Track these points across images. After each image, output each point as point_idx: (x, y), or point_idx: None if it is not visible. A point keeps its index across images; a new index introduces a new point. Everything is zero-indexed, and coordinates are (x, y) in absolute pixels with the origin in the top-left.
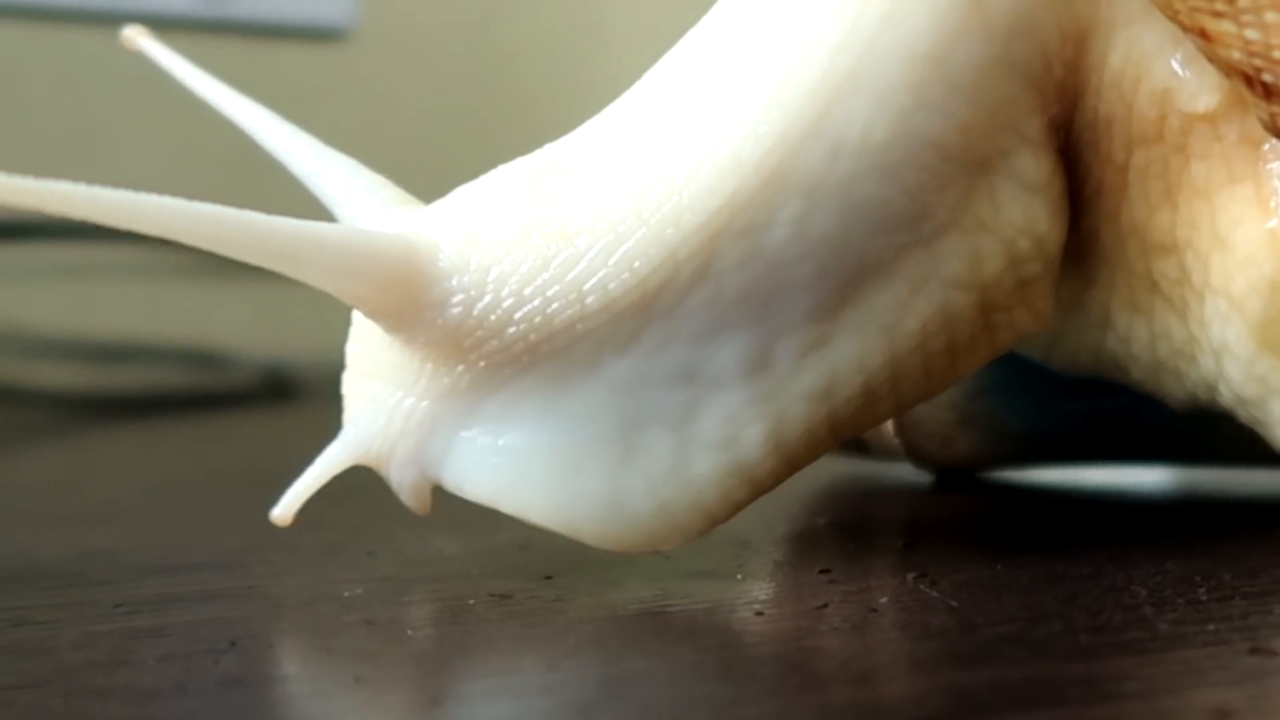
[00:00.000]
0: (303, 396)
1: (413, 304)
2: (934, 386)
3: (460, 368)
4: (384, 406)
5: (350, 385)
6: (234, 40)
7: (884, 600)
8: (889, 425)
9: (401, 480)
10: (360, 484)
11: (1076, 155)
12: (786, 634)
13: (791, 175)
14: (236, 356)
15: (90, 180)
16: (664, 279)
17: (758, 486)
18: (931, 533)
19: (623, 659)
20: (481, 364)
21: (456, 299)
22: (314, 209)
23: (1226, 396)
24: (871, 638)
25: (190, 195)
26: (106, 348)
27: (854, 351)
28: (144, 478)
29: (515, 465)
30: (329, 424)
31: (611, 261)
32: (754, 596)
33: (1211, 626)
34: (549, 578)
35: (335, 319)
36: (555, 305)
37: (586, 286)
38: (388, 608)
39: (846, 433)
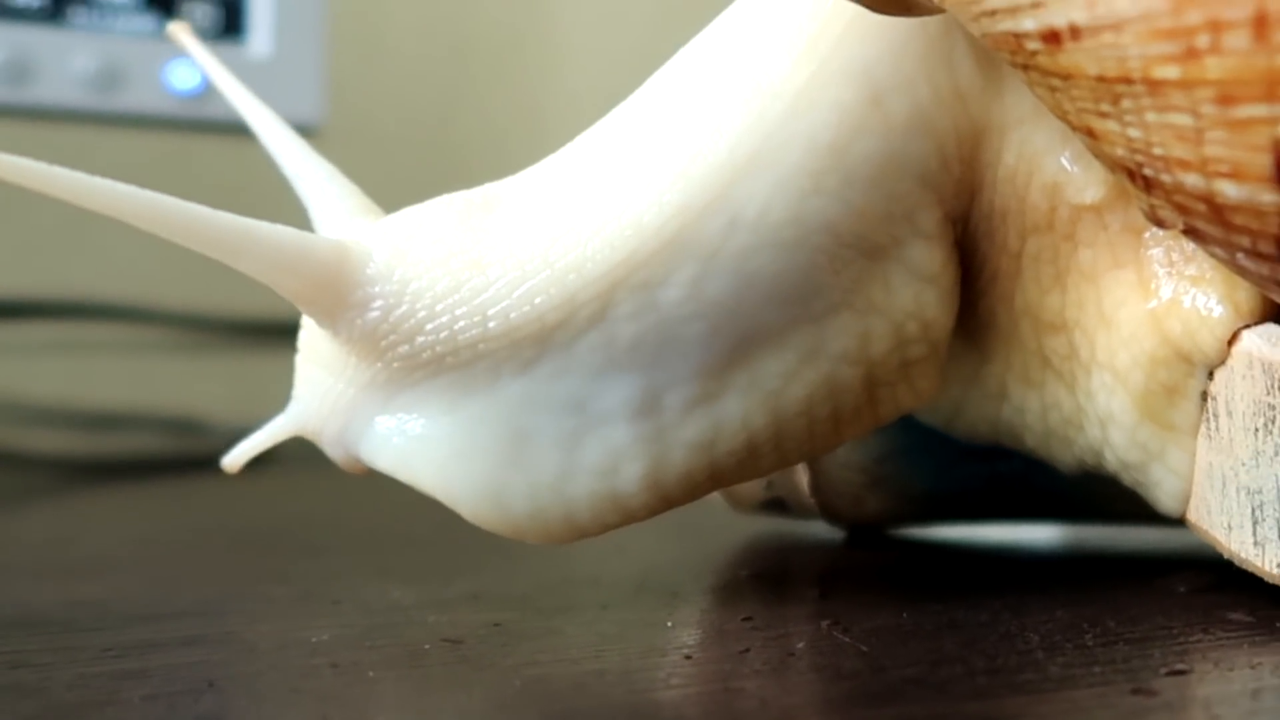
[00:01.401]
0: (274, 461)
1: (338, 303)
2: (817, 448)
3: (379, 365)
4: (319, 389)
5: (298, 368)
6: (214, 138)
7: (801, 645)
8: (805, 485)
9: (333, 454)
10: (326, 541)
11: (974, 244)
12: (713, 676)
13: (690, 242)
14: (213, 424)
15: (82, 260)
16: (562, 317)
17: (630, 515)
18: (844, 584)
19: (564, 699)
20: (395, 364)
21: (376, 304)
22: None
23: (1111, 461)
24: (790, 679)
25: (175, 279)
26: (97, 416)
27: (739, 411)
28: (130, 534)
29: (416, 447)
30: (298, 486)
31: (515, 294)
32: (683, 642)
33: (1097, 669)
34: (497, 625)
35: None
36: (461, 324)
37: (490, 312)
38: (351, 652)
39: (728, 481)
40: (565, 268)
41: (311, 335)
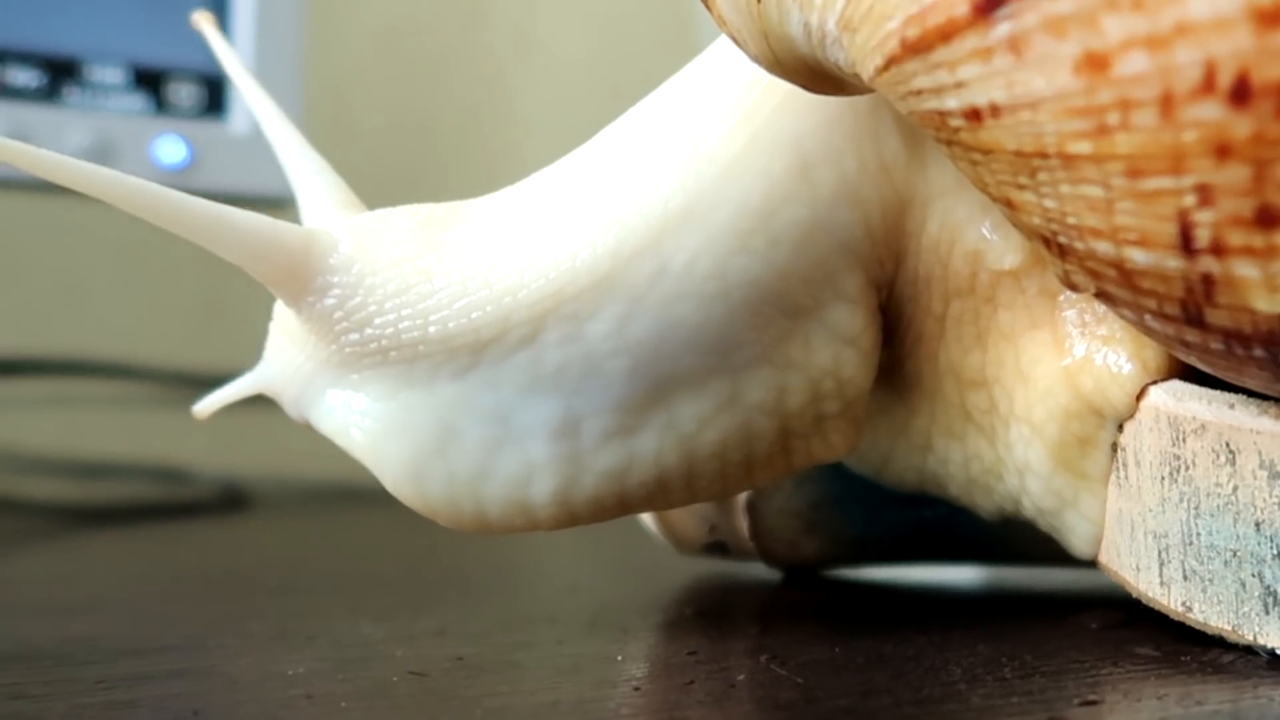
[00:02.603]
0: (254, 507)
1: (302, 287)
2: (729, 489)
3: (334, 346)
4: (283, 358)
5: (270, 334)
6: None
7: (741, 677)
8: (745, 530)
9: (289, 413)
10: (301, 581)
11: (900, 308)
12: (660, 706)
13: (619, 283)
14: (197, 473)
15: (75, 322)
16: (496, 334)
17: (536, 525)
18: (781, 621)
19: None
20: (347, 349)
21: (334, 292)
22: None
23: (1028, 508)
24: (731, 709)
25: (161, 339)
26: (89, 466)
27: (653, 448)
28: (120, 575)
29: (356, 421)
30: (275, 530)
31: (455, 306)
32: (632, 675)
33: (1015, 700)
34: (460, 659)
35: (282, 442)
36: (405, 324)
37: (432, 318)
38: (325, 684)
39: (636, 509)
40: (503, 290)
41: (284, 309)
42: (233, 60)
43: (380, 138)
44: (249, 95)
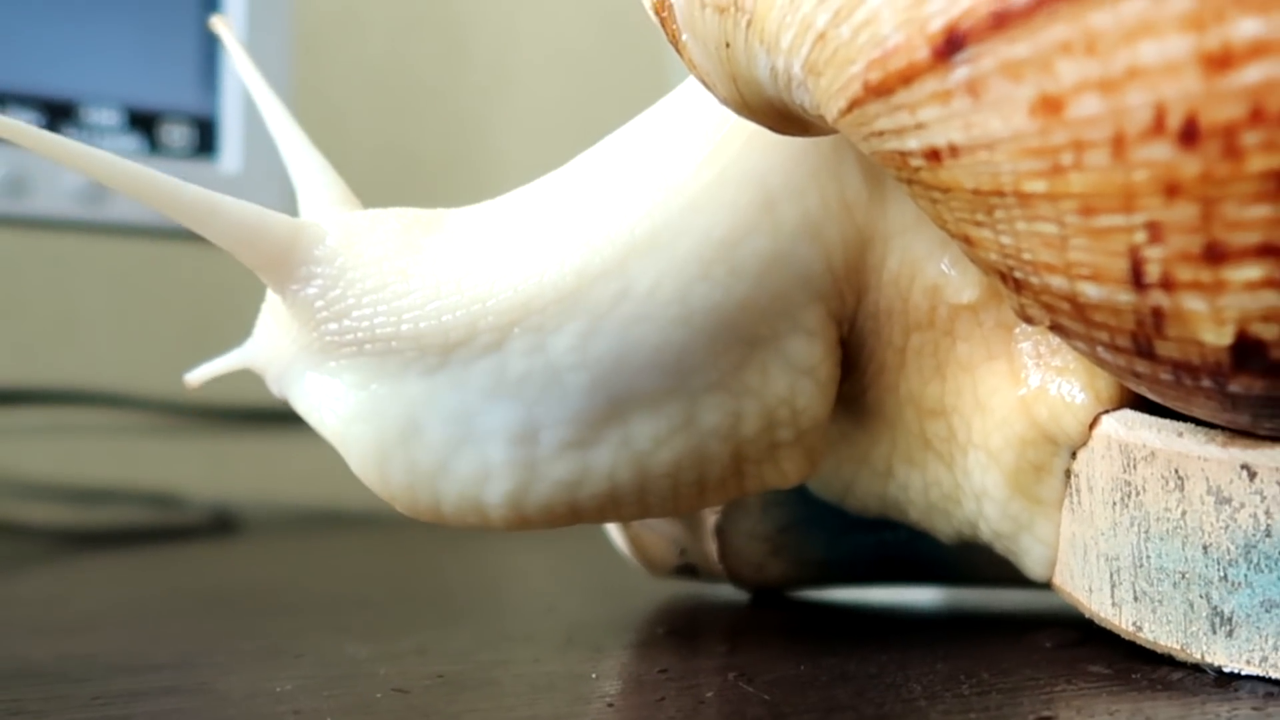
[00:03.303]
0: (244, 531)
1: (287, 275)
2: (681, 508)
3: (314, 334)
4: (270, 338)
5: (261, 314)
6: (188, 244)
7: (710, 694)
8: (714, 553)
9: (271, 389)
10: (289, 602)
11: (862, 340)
12: None
13: (583, 301)
14: (189, 498)
15: (72, 354)
16: (464, 338)
17: (489, 524)
18: (749, 640)
19: None
20: (327, 338)
21: (316, 283)
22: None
23: (985, 532)
24: None
25: (153, 371)
26: (85, 492)
27: (608, 463)
28: (115, 596)
29: (329, 404)
30: (264, 553)
31: (427, 307)
32: (606, 691)
33: (973, 715)
34: (441, 676)
35: (270, 469)
36: (380, 320)
37: (405, 316)
38: (311, 701)
39: (588, 520)
40: (473, 297)
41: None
42: (245, 61)
43: (365, 173)
44: (258, 96)
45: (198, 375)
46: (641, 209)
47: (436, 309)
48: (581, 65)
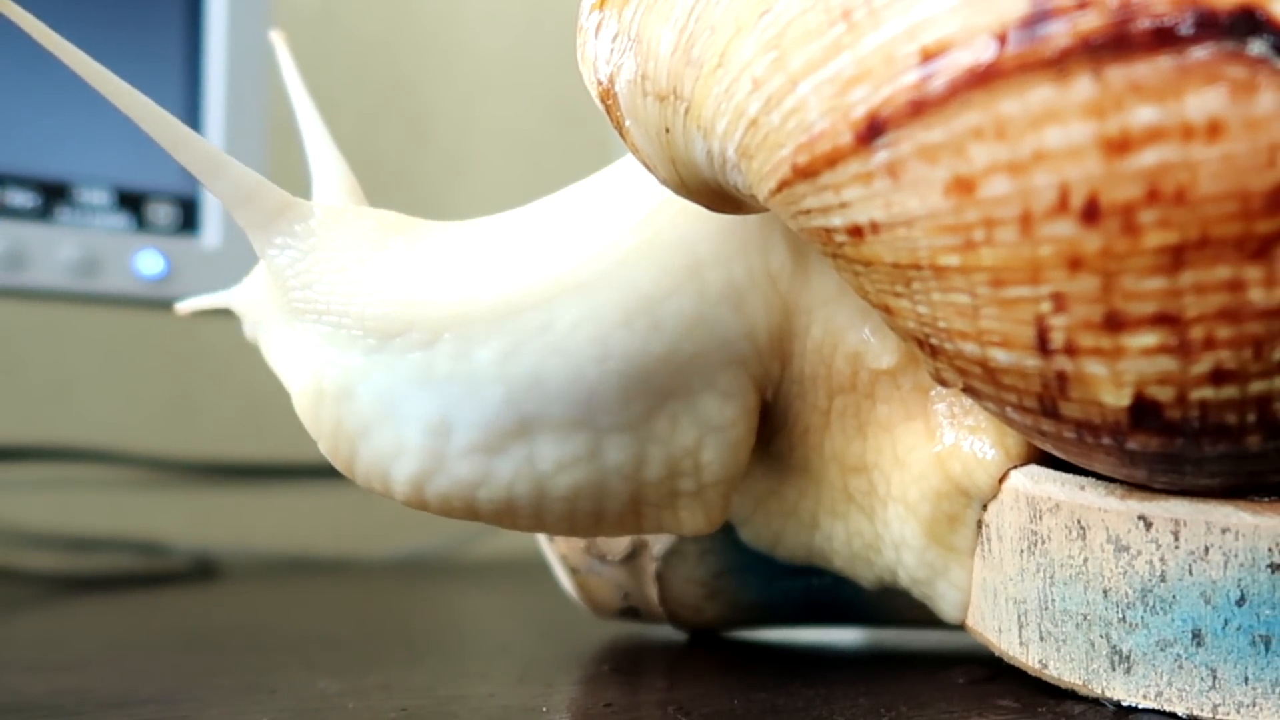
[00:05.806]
0: (224, 577)
1: (267, 239)
2: (576, 531)
3: (285, 297)
4: (255, 291)
5: (255, 268)
6: (176, 316)
7: None
8: (655, 596)
9: (247, 334)
10: (265, 641)
11: (788, 403)
12: None
13: (508, 324)
14: (173, 547)
15: (66, 412)
16: (400, 330)
17: (391, 494)
18: (687, 676)
19: None
20: (294, 303)
21: (289, 252)
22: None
23: (904, 578)
24: None
25: (141, 429)
26: (78, 541)
27: (508, 475)
28: (105, 637)
29: (289, 356)
30: (244, 597)
31: (374, 296)
32: None
33: None
34: (404, 710)
35: (248, 520)
36: (335, 297)
37: (355, 299)
38: None
39: (485, 520)
40: (415, 299)
41: None
42: (291, 69)
43: None
44: (295, 97)
45: (187, 305)
46: (575, 258)
47: (382, 299)
48: (534, 149)
